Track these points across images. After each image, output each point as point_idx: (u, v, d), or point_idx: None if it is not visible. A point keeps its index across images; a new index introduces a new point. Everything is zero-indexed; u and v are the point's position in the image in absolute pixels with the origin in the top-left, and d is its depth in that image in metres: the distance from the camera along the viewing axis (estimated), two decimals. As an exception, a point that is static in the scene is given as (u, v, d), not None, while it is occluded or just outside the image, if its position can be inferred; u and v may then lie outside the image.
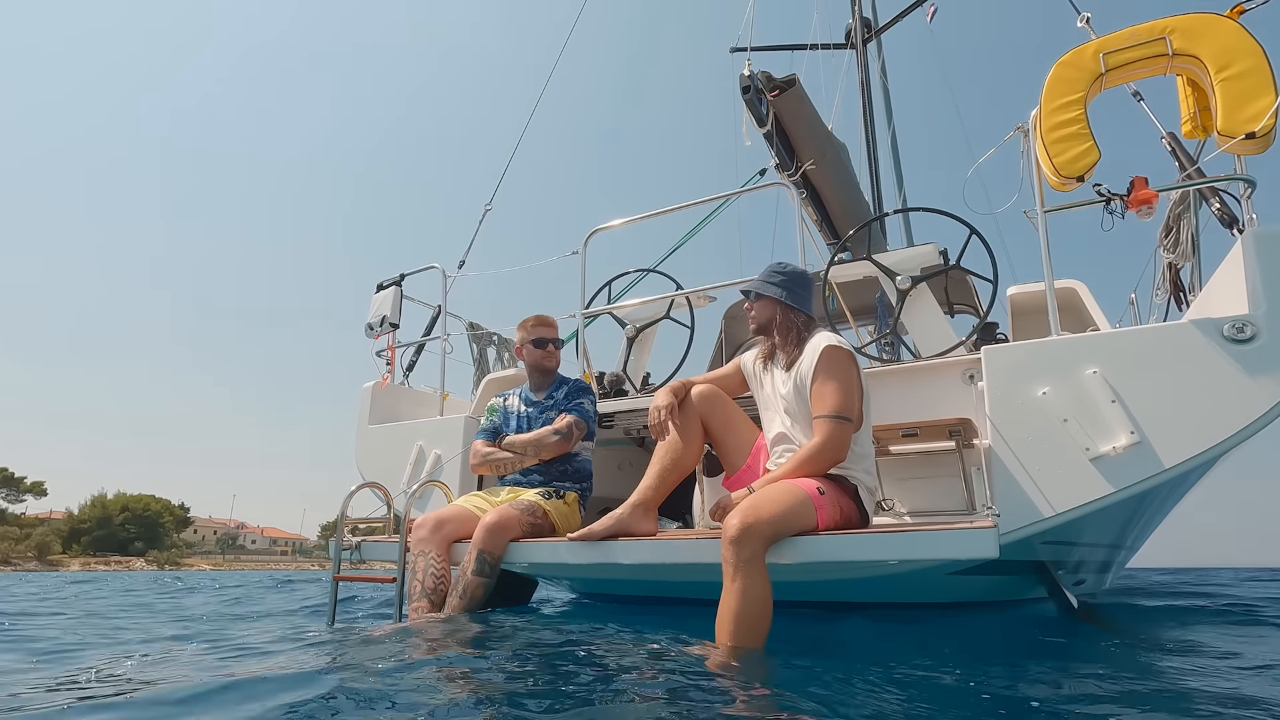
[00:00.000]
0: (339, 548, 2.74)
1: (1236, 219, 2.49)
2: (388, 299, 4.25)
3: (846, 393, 2.11)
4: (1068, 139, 2.40)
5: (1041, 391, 2.32)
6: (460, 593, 2.35)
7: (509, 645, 1.79)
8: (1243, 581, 6.30)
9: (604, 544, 2.22)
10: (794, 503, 1.92)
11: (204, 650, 2.05)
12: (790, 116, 4.99)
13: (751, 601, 1.76)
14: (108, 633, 2.97)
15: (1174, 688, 1.57)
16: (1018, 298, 3.61)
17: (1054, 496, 2.23)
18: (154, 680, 1.41)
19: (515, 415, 2.93)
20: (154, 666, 1.57)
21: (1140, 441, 2.16)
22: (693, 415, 2.38)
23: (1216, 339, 2.16)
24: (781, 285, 2.32)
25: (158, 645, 2.33)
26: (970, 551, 1.71)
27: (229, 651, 1.97)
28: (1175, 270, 3.30)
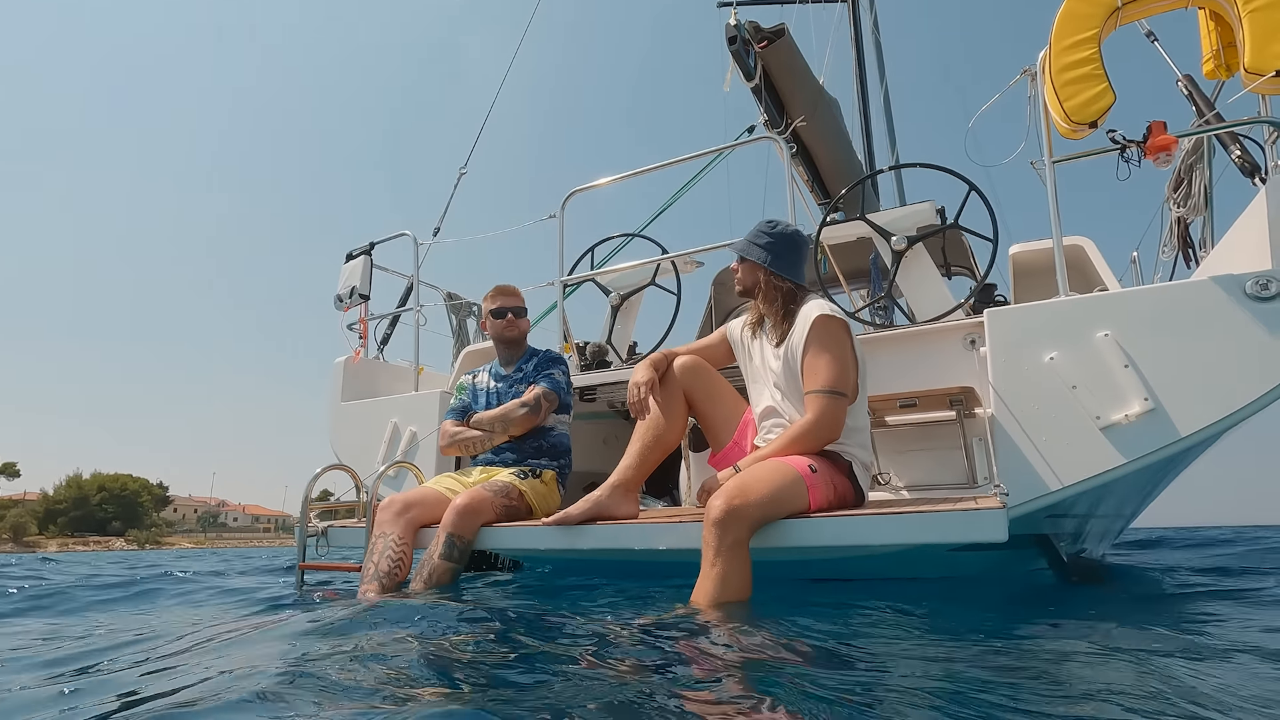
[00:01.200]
0: (303, 535, 2.59)
1: (1259, 167, 2.31)
2: (357, 269, 4.04)
3: (840, 366, 1.95)
4: (1080, 80, 2.20)
5: (1049, 357, 2.16)
6: (425, 578, 2.20)
7: (458, 623, 1.64)
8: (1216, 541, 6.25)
9: (582, 528, 2.07)
10: (784, 483, 1.76)
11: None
12: (779, 69, 4.73)
13: (729, 588, 1.62)
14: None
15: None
16: (1020, 256, 3.43)
17: (1061, 469, 2.09)
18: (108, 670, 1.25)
19: (485, 392, 2.75)
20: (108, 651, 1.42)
21: (1155, 409, 2.01)
22: (675, 389, 2.22)
23: (1238, 297, 1.99)
24: (768, 249, 2.13)
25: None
26: (978, 535, 1.57)
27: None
28: (1184, 225, 3.13)
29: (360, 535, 2.56)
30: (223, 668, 1.15)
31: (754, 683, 0.96)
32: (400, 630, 1.40)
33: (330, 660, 1.15)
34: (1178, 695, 0.98)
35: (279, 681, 1.00)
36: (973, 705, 0.89)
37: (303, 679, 1.01)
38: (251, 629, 1.59)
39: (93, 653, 1.50)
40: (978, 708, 0.88)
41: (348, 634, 1.40)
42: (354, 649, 1.24)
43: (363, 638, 1.36)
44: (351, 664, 1.13)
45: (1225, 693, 1.01)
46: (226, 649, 1.40)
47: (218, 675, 1.08)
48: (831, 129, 5.29)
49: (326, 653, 1.21)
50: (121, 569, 5.72)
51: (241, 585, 3.34)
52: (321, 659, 1.17)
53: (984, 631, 1.56)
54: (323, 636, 1.39)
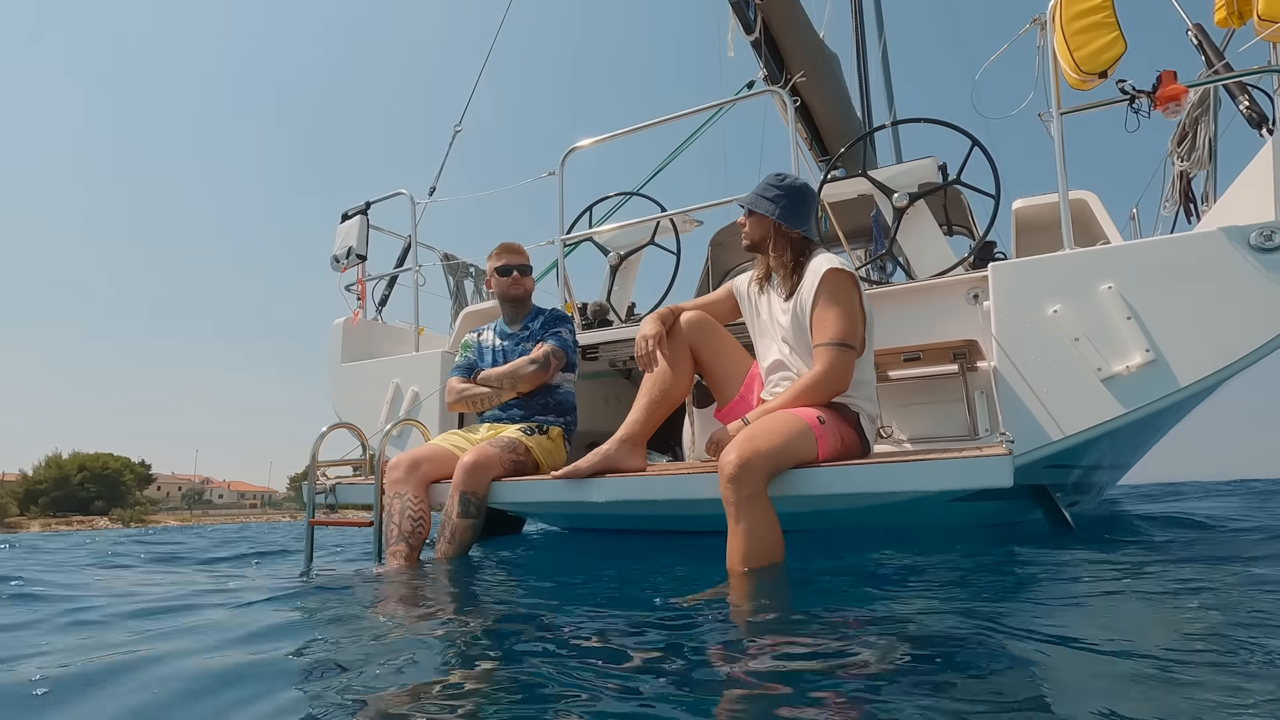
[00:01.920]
0: (312, 492, 2.61)
1: (1267, 118, 2.30)
2: (353, 229, 3.98)
3: (850, 319, 1.95)
4: (1092, 29, 2.17)
5: (1052, 309, 2.18)
6: (449, 537, 2.24)
7: (500, 587, 1.68)
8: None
9: (591, 481, 2.10)
10: (793, 433, 1.79)
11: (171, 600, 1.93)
12: (780, 23, 4.63)
13: (759, 541, 1.65)
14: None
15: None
16: (1024, 211, 3.42)
17: (1063, 419, 2.12)
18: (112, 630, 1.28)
19: (490, 349, 2.75)
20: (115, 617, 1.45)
21: (1155, 360, 2.04)
22: (682, 344, 2.22)
23: (1242, 248, 2.01)
24: (776, 201, 2.12)
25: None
26: (984, 480, 1.60)
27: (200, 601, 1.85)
28: (1187, 180, 3.12)
29: (368, 492, 2.58)
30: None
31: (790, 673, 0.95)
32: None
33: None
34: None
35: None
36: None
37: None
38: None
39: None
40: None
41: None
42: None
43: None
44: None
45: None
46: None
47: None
48: (831, 85, 5.21)
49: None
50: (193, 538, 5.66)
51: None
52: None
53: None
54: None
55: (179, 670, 1.01)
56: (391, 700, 0.83)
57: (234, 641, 1.21)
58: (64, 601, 1.70)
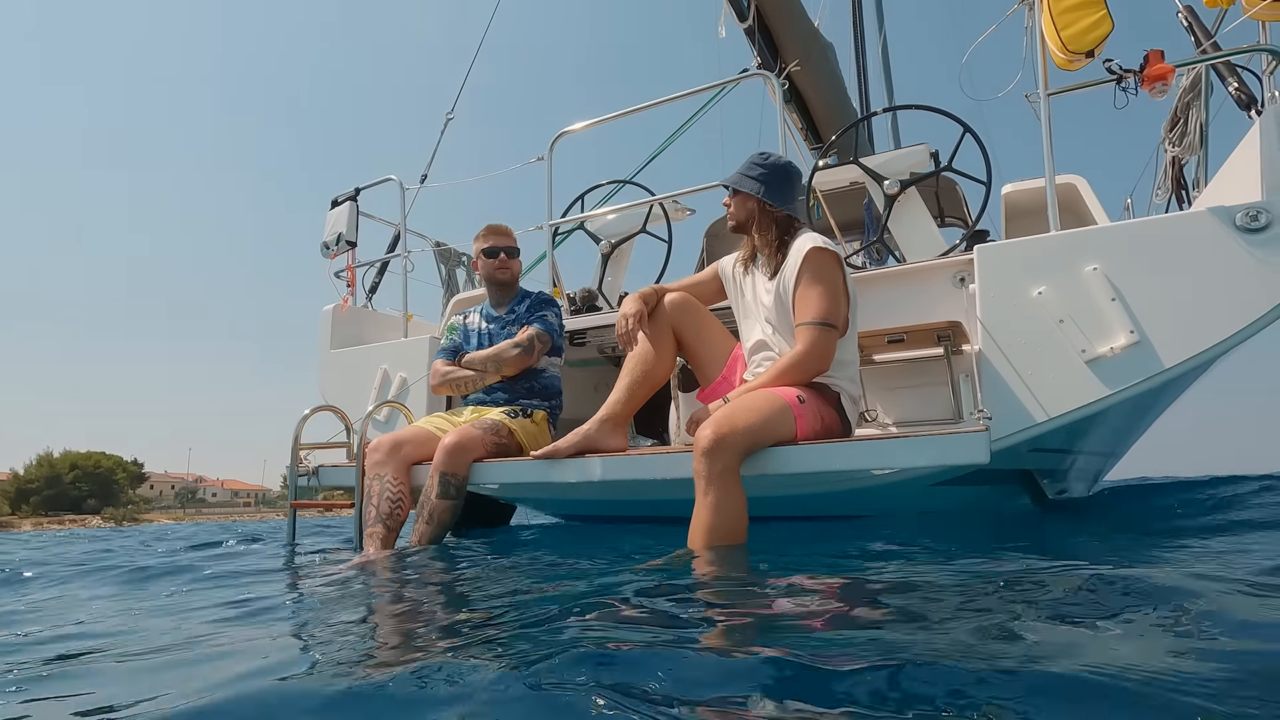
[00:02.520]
0: (294, 474, 2.60)
1: (1255, 99, 2.28)
2: (343, 216, 3.97)
3: (832, 298, 1.94)
4: (1078, 8, 2.14)
5: (1037, 291, 2.16)
6: (427, 518, 2.23)
7: (467, 574, 1.67)
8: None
9: (571, 461, 2.09)
10: (771, 412, 1.77)
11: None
12: (773, 10, 4.61)
13: (725, 515, 1.64)
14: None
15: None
16: (1013, 196, 3.40)
17: (1046, 401, 2.11)
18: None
19: (476, 332, 2.74)
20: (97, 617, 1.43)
21: (1140, 341, 2.02)
22: (664, 324, 2.21)
23: (1228, 228, 1.99)
24: (761, 180, 2.10)
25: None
26: (960, 457, 1.59)
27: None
28: (1179, 166, 3.10)
29: (350, 475, 2.57)
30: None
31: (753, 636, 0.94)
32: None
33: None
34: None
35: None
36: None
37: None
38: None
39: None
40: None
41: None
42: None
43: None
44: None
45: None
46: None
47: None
48: (826, 73, 5.18)
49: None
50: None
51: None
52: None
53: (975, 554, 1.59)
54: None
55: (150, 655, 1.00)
56: (358, 681, 0.81)
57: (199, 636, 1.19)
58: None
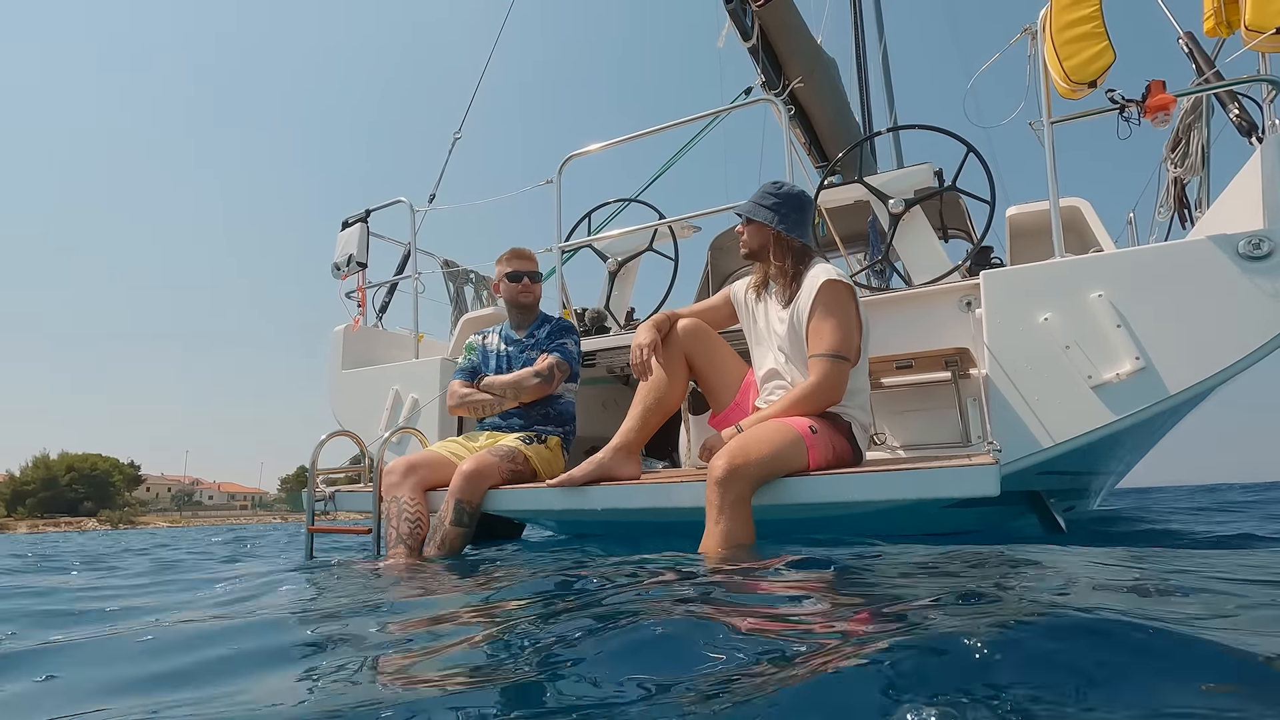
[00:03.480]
0: (311, 499, 2.63)
1: (1256, 126, 2.32)
2: (353, 237, 4.02)
3: (845, 330, 1.98)
4: (1081, 39, 2.19)
5: (1043, 317, 2.20)
6: (439, 543, 2.27)
7: (490, 580, 1.69)
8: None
9: (586, 489, 2.12)
10: (784, 443, 1.81)
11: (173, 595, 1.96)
12: (777, 28, 4.66)
13: (734, 546, 1.67)
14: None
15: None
16: (1017, 218, 3.44)
17: (1053, 427, 2.14)
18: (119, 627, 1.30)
19: (495, 354, 2.78)
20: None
21: (1145, 367, 2.05)
22: (677, 351, 2.25)
23: (1231, 256, 2.02)
24: (774, 210, 2.14)
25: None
26: (971, 490, 1.62)
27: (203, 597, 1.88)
28: (1181, 186, 3.14)
29: (367, 500, 2.61)
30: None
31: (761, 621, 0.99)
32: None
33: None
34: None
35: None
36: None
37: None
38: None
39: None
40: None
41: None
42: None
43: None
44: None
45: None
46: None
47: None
48: (829, 90, 5.23)
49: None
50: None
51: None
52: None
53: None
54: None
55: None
56: (391, 679, 0.85)
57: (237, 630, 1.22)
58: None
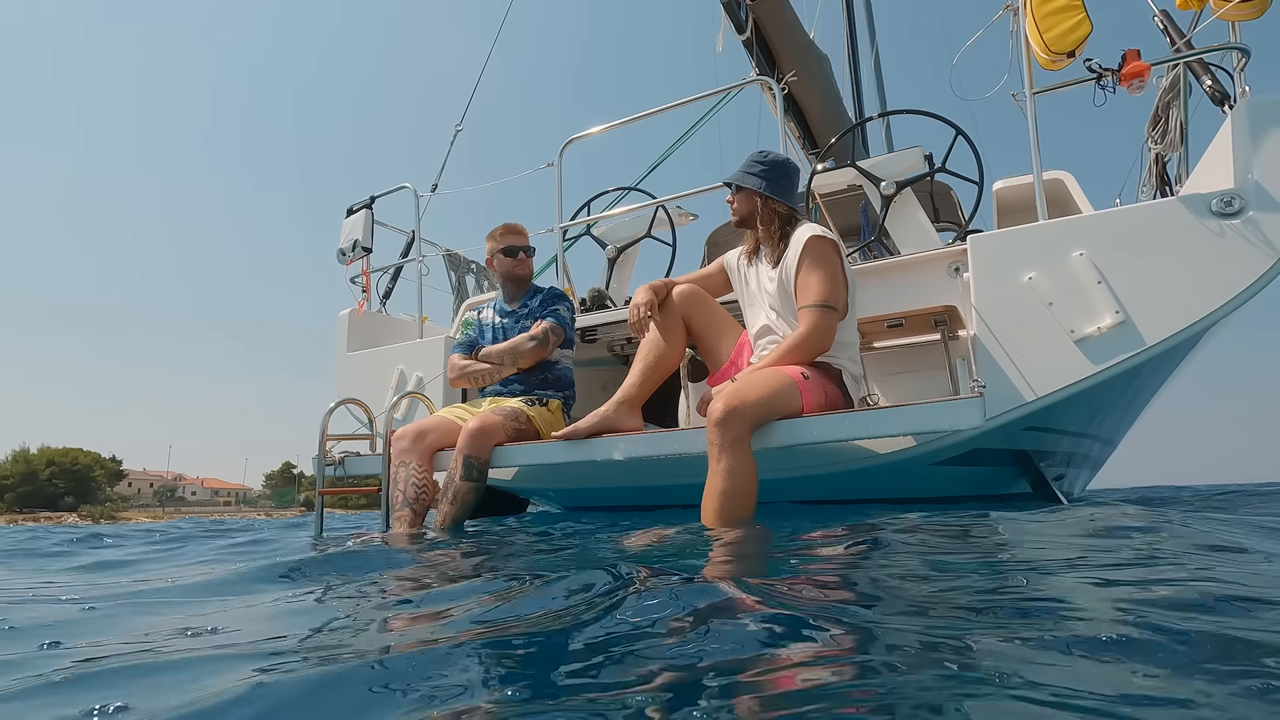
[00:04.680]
0: (321, 464, 2.71)
1: (1229, 95, 2.42)
2: (358, 223, 4.11)
3: (832, 282, 2.07)
4: (1059, 11, 2.30)
5: (1027, 277, 2.29)
6: (451, 498, 2.34)
7: (493, 547, 1.75)
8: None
9: (590, 441, 2.20)
10: (779, 386, 1.89)
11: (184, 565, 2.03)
12: (771, 22, 4.79)
13: (738, 480, 1.75)
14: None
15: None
16: (1004, 192, 3.54)
17: (1037, 380, 2.23)
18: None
19: (490, 327, 2.86)
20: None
21: (1124, 320, 2.14)
22: (674, 315, 2.33)
23: (1204, 214, 2.12)
24: (762, 175, 2.24)
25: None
26: (957, 421, 1.70)
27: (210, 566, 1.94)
28: (1163, 163, 3.25)
29: (374, 464, 2.68)
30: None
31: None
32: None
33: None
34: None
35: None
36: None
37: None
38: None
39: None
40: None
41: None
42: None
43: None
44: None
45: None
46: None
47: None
48: (822, 83, 5.35)
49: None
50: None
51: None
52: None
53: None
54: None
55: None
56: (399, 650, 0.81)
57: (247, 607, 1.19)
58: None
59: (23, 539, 3.76)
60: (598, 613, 0.82)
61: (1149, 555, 1.20)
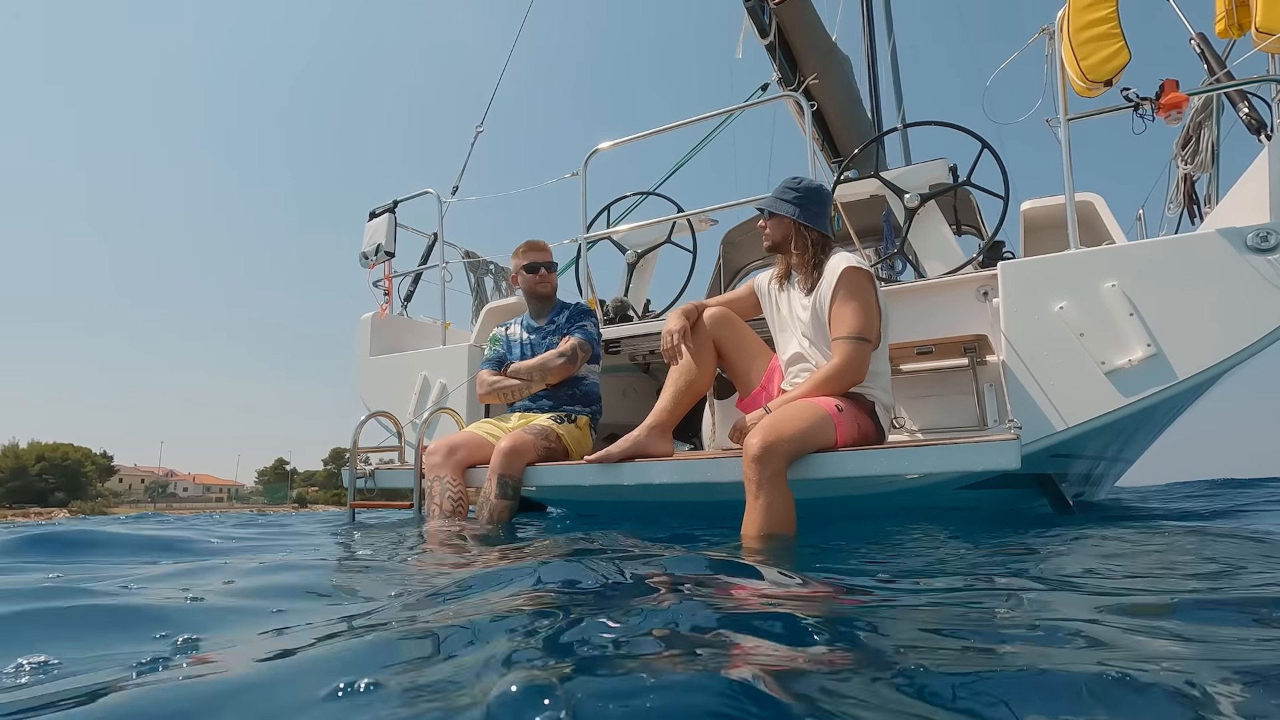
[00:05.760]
0: (353, 476, 2.75)
1: (1265, 124, 2.41)
2: (381, 227, 4.13)
3: (866, 313, 2.08)
4: (1097, 39, 2.28)
5: (1058, 306, 2.30)
6: (487, 516, 2.38)
7: (536, 546, 1.77)
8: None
9: (622, 465, 2.23)
10: (814, 420, 1.91)
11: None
12: (794, 26, 4.74)
13: (776, 518, 1.78)
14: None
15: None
16: (1032, 212, 3.54)
17: (1067, 410, 2.24)
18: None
19: (518, 343, 2.89)
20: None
21: (1156, 354, 2.16)
22: (705, 338, 2.35)
23: (1239, 248, 2.12)
24: (796, 203, 2.25)
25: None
26: (994, 463, 1.72)
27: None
28: (1191, 182, 3.23)
29: (406, 477, 2.72)
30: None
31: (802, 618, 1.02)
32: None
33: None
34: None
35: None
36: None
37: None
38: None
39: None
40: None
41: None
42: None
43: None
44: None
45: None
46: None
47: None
48: (843, 86, 5.32)
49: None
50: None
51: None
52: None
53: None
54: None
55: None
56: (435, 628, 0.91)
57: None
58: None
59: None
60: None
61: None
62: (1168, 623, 0.89)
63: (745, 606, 0.95)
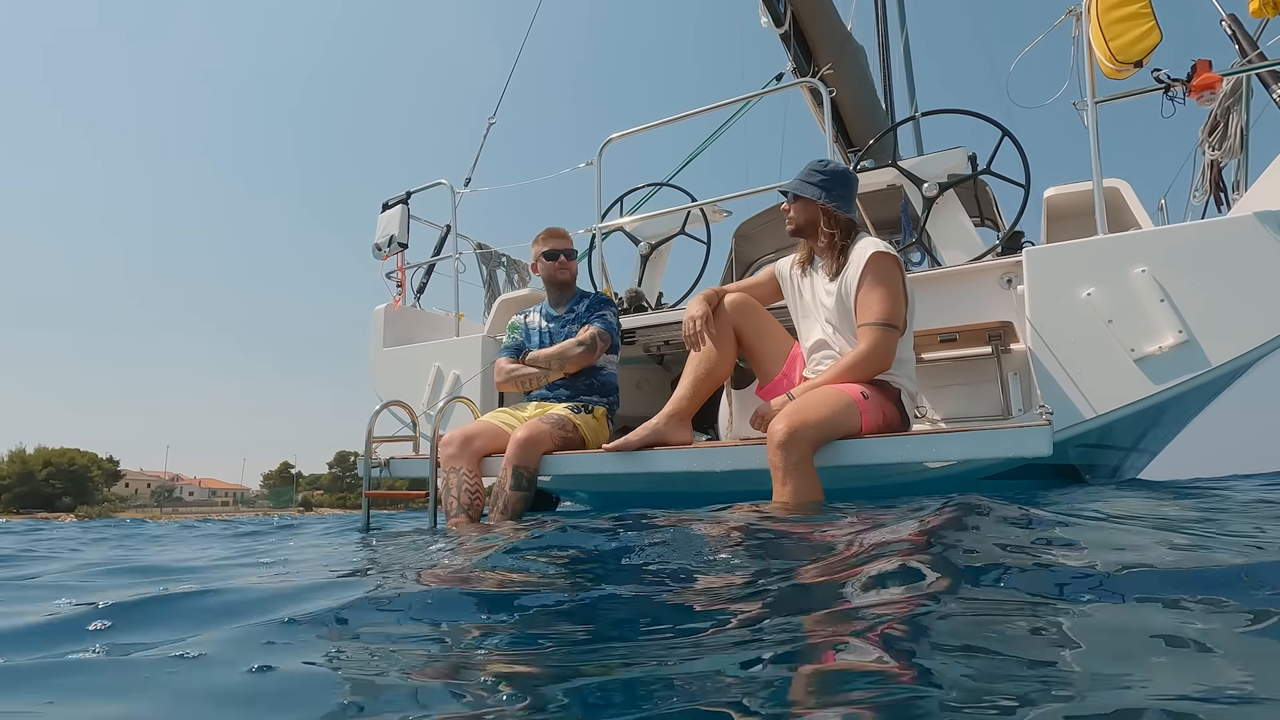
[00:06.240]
0: (368, 466, 2.73)
1: (1299, 106, 2.36)
2: (394, 218, 4.11)
3: (893, 300, 2.04)
4: (1127, 19, 2.23)
5: (1086, 293, 2.25)
6: (500, 508, 2.36)
7: (565, 537, 1.75)
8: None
9: (641, 454, 2.20)
10: (839, 406, 1.88)
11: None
12: (809, 14, 4.70)
13: (804, 503, 1.75)
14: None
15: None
16: (1055, 199, 3.48)
17: (1096, 398, 2.20)
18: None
19: (537, 331, 2.86)
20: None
21: (1188, 340, 2.11)
22: (726, 324, 2.32)
23: (1274, 232, 2.07)
24: (822, 185, 2.21)
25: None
26: (1025, 450, 1.68)
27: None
28: (1218, 169, 3.17)
29: (421, 467, 2.71)
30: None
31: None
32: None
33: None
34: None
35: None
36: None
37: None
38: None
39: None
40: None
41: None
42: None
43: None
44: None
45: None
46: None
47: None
48: (858, 76, 5.26)
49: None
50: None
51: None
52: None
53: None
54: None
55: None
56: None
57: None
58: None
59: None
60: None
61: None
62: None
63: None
